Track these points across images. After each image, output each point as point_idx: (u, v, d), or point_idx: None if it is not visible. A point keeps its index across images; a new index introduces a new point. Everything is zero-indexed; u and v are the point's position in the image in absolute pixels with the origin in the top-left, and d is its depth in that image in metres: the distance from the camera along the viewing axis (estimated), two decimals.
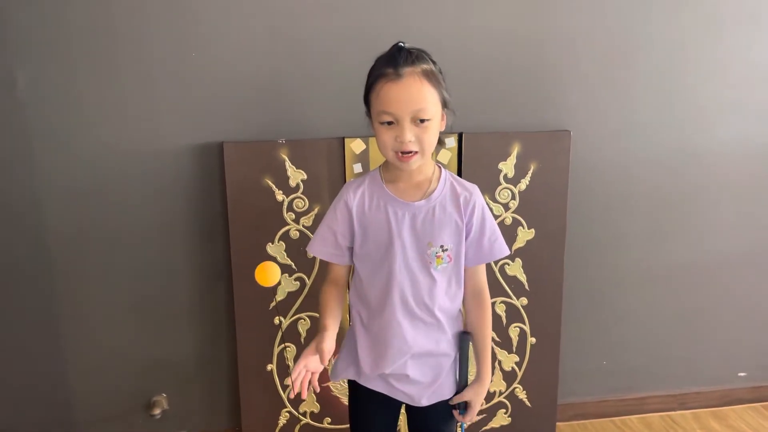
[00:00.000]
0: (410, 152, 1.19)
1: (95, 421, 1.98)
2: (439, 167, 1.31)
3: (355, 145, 1.83)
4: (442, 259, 1.27)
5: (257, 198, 1.82)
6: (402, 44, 1.22)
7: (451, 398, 1.37)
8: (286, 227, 1.85)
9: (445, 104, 1.23)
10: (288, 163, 1.82)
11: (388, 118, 1.18)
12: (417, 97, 1.17)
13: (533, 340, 2.04)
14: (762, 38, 2.04)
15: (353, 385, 1.40)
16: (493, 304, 1.98)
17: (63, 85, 1.73)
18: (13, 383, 1.92)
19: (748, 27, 2.02)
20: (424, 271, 1.27)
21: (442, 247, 1.26)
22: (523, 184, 1.93)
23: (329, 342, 1.19)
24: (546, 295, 2.02)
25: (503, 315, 2.00)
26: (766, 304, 2.29)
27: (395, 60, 1.18)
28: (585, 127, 1.99)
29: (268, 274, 1.09)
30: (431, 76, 1.19)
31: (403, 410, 1.42)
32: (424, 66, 1.19)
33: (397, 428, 1.48)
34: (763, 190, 2.17)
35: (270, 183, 1.82)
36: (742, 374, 2.34)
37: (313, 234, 1.36)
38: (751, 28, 2.02)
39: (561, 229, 1.98)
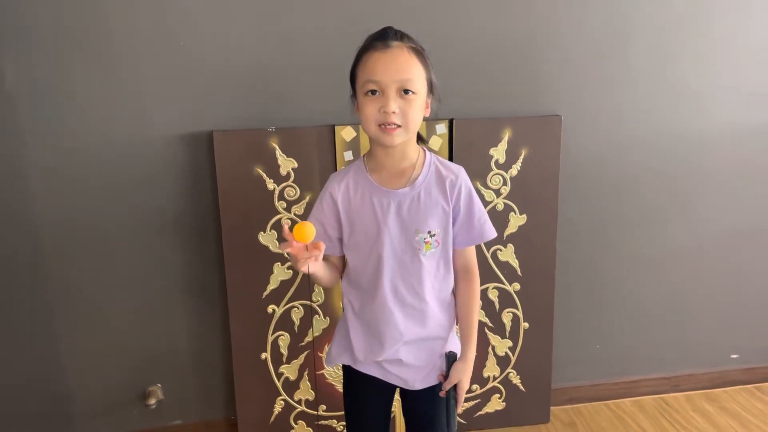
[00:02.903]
0: (393, 125, 1.17)
1: (91, 412, 1.99)
2: (424, 151, 1.30)
3: (346, 133, 1.83)
4: (431, 244, 1.27)
5: (248, 187, 1.82)
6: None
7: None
8: (278, 216, 1.85)
9: (431, 88, 1.23)
10: (278, 152, 1.81)
11: (373, 87, 1.17)
12: (404, 66, 1.16)
13: (526, 325, 2.05)
14: (752, 22, 2.04)
15: (347, 370, 1.41)
16: (486, 289, 1.99)
17: (52, 76, 1.72)
18: (8, 376, 1.92)
19: (738, 10, 2.02)
20: (412, 258, 1.27)
21: (429, 232, 1.26)
22: (515, 170, 1.93)
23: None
24: (538, 280, 2.02)
25: (496, 301, 2.01)
26: (757, 286, 2.30)
27: (385, 34, 1.19)
28: (575, 111, 1.99)
29: (305, 232, 1.11)
30: (419, 54, 1.20)
31: (397, 396, 1.43)
32: (413, 45, 1.20)
33: (392, 413, 1.49)
34: (753, 174, 2.18)
35: (261, 172, 1.82)
36: (734, 356, 2.36)
37: None
38: (742, 11, 2.02)
39: (553, 214, 1.99)
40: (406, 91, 1.17)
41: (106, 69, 1.74)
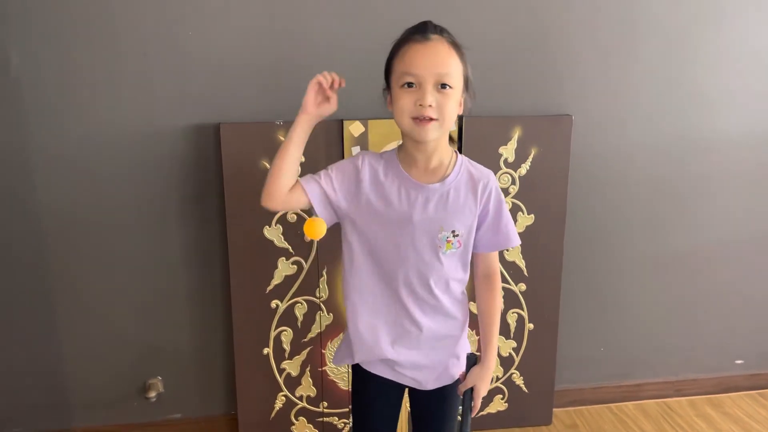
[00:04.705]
0: (428, 117, 1.15)
1: (91, 404, 1.97)
2: (456, 153, 1.29)
3: (354, 128, 1.81)
4: (452, 244, 1.24)
5: (254, 180, 1.79)
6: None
7: (455, 385, 1.35)
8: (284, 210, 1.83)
9: (467, 84, 1.21)
10: None
11: (410, 79, 1.15)
12: (443, 60, 1.15)
13: (531, 326, 2.03)
14: (764, 25, 2.02)
15: (356, 369, 1.38)
16: None
17: (58, 65, 1.70)
18: (9, 368, 1.91)
19: (750, 14, 2.00)
20: (432, 255, 1.24)
21: (453, 232, 1.24)
22: (524, 169, 1.91)
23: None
24: (545, 281, 2.01)
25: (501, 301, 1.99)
26: (763, 292, 2.29)
27: (424, 27, 1.17)
28: (586, 111, 1.97)
29: (316, 228, 1.11)
30: (458, 49, 1.18)
31: (405, 395, 1.41)
32: (453, 39, 1.19)
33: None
34: (763, 180, 2.16)
35: (267, 165, 1.80)
36: (739, 362, 2.34)
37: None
38: (754, 14, 2.00)
39: (561, 215, 1.97)
40: (444, 86, 1.15)
41: (113, 58, 1.72)
